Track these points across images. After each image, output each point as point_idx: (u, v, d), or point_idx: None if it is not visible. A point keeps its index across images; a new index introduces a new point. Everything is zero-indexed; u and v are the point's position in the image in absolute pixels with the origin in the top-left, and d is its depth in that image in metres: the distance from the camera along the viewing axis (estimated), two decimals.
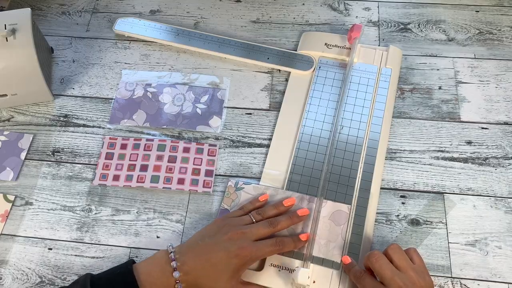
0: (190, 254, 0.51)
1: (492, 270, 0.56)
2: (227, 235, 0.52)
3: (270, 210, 0.57)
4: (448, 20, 0.76)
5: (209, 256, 0.50)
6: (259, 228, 0.53)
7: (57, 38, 0.78)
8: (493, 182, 0.62)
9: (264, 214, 0.56)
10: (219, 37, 0.74)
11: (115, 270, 0.50)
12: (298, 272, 0.52)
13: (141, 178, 0.63)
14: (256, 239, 0.53)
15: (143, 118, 0.68)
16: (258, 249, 0.52)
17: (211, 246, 0.51)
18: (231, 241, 0.51)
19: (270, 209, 0.57)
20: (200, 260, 0.50)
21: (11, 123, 0.69)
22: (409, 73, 0.71)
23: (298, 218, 0.57)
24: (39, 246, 0.60)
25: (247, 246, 0.51)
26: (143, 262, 0.51)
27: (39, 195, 0.63)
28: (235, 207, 0.60)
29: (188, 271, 0.49)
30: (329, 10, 0.79)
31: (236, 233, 0.52)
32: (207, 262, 0.50)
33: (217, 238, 0.52)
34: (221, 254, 0.50)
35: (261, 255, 0.52)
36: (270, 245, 0.53)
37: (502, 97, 0.69)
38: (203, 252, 0.51)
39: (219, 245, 0.51)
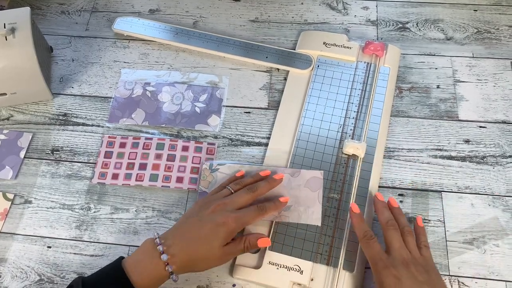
0: (176, 235, 0.51)
1: (490, 268, 0.57)
2: (209, 209, 0.52)
3: (247, 179, 0.58)
4: (446, 19, 0.77)
5: (196, 232, 0.50)
6: (239, 196, 0.55)
7: (57, 37, 0.78)
8: (490, 180, 0.62)
9: (242, 183, 0.57)
10: (218, 36, 0.75)
11: (105, 268, 0.50)
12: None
13: (140, 177, 0.64)
14: (238, 207, 0.53)
15: (142, 117, 0.69)
16: (242, 215, 0.52)
17: (196, 223, 0.51)
18: (214, 213, 0.52)
19: (247, 179, 0.58)
20: (187, 238, 0.50)
21: (11, 122, 0.69)
22: (408, 72, 0.72)
23: (275, 181, 0.58)
24: (38, 244, 0.60)
25: (231, 214, 0.52)
26: (132, 255, 0.50)
27: (38, 193, 0.64)
28: (212, 188, 0.61)
29: (176, 252, 0.49)
30: (327, 9, 0.79)
31: (218, 205, 0.53)
32: (195, 237, 0.50)
33: (200, 214, 0.52)
34: (207, 226, 0.51)
35: (245, 222, 0.53)
36: (253, 211, 0.54)
37: (500, 96, 0.69)
38: (189, 230, 0.51)
39: (203, 219, 0.51)
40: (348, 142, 0.62)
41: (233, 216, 0.52)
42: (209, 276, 0.57)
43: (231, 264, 0.58)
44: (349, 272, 0.55)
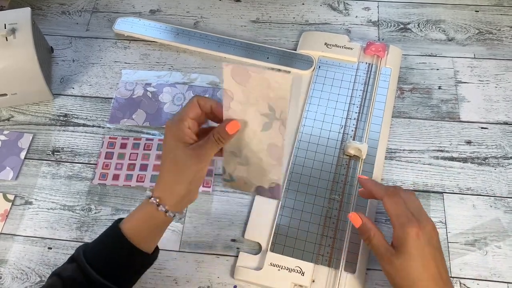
0: (157, 182, 0.48)
1: (492, 270, 0.56)
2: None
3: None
4: (448, 20, 0.77)
5: (166, 159, 0.47)
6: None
7: (57, 37, 0.78)
8: (492, 182, 0.62)
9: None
10: (219, 37, 0.74)
11: (104, 234, 0.49)
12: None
13: (140, 178, 0.64)
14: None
15: (143, 118, 0.68)
16: (177, 112, 0.48)
17: (161, 158, 0.48)
18: (164, 135, 0.48)
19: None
20: (163, 174, 0.48)
21: (11, 122, 0.69)
22: (409, 73, 0.71)
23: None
24: (39, 245, 0.60)
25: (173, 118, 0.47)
26: (128, 215, 0.49)
27: (39, 194, 0.63)
28: None
29: (160, 188, 0.47)
30: (329, 9, 0.79)
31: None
32: (162, 162, 0.48)
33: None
34: (169, 151, 0.47)
35: (183, 113, 0.47)
36: (189, 102, 0.48)
37: (502, 97, 0.69)
38: (165, 168, 0.48)
39: (162, 150, 0.48)
40: (350, 143, 0.62)
41: (170, 118, 0.48)
42: (210, 278, 0.57)
43: (232, 266, 0.57)
44: (350, 273, 0.55)
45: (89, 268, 0.45)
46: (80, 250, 0.47)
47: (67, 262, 0.47)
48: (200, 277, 0.57)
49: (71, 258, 0.47)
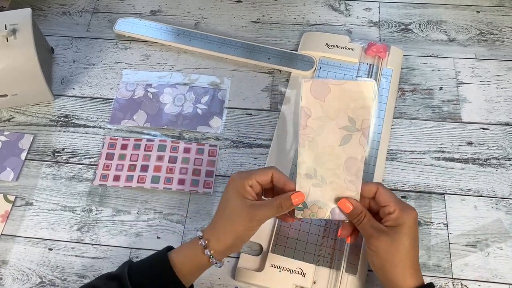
0: (212, 221, 0.51)
1: (493, 271, 0.56)
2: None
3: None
4: (449, 21, 0.76)
5: (220, 207, 0.50)
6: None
7: (58, 38, 0.78)
8: (494, 183, 0.62)
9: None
10: (219, 37, 0.74)
11: (152, 255, 0.50)
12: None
13: (141, 179, 0.63)
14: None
15: (144, 119, 0.68)
16: (247, 171, 0.50)
17: (219, 205, 0.51)
18: (227, 186, 0.51)
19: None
20: (216, 217, 0.50)
21: (12, 123, 0.69)
22: (410, 74, 0.71)
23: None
24: (40, 246, 0.60)
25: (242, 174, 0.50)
26: (178, 247, 0.50)
27: (39, 195, 0.63)
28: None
29: (211, 234, 0.49)
30: (329, 10, 0.79)
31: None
32: (220, 212, 0.50)
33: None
34: (223, 195, 0.50)
35: (250, 174, 0.50)
36: (261, 171, 0.50)
37: (503, 98, 0.69)
38: (217, 211, 0.51)
39: (222, 198, 0.51)
40: None
41: (238, 172, 0.50)
42: (212, 279, 0.57)
43: (233, 267, 0.57)
44: (351, 275, 0.55)
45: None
46: (125, 269, 0.47)
47: (107, 278, 0.47)
48: (201, 278, 0.56)
49: (114, 276, 0.47)
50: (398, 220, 0.48)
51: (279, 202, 0.49)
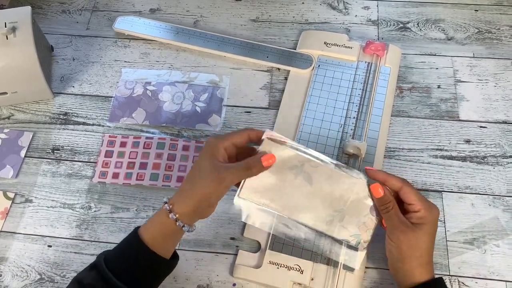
0: (179, 190, 0.50)
1: (490, 268, 0.57)
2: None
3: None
4: (447, 19, 0.77)
5: (190, 172, 0.49)
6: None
7: (57, 36, 0.78)
8: (491, 180, 0.62)
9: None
10: (218, 36, 0.75)
11: (124, 239, 0.50)
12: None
13: (140, 176, 0.64)
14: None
15: (143, 116, 0.69)
16: (224, 134, 0.50)
17: (191, 169, 0.50)
18: (202, 148, 0.50)
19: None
20: (184, 182, 0.49)
21: (11, 121, 0.70)
22: (408, 72, 0.72)
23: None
24: (39, 243, 0.60)
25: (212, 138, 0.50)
26: (146, 221, 0.50)
27: (39, 192, 0.64)
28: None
29: (176, 199, 0.48)
30: (328, 9, 0.79)
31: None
32: (189, 175, 0.49)
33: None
34: (197, 163, 0.49)
35: (227, 137, 0.49)
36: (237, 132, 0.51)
37: (501, 96, 0.69)
38: (187, 178, 0.50)
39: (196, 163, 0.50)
40: (349, 142, 0.62)
41: (214, 135, 0.50)
42: (210, 276, 0.57)
43: (232, 264, 0.58)
44: (349, 271, 0.55)
45: (110, 274, 0.45)
46: (101, 257, 0.47)
47: (87, 269, 0.48)
48: (200, 275, 0.57)
49: (92, 265, 0.47)
50: (423, 219, 0.50)
51: (248, 163, 0.48)
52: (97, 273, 0.46)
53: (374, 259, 0.57)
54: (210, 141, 0.49)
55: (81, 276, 0.47)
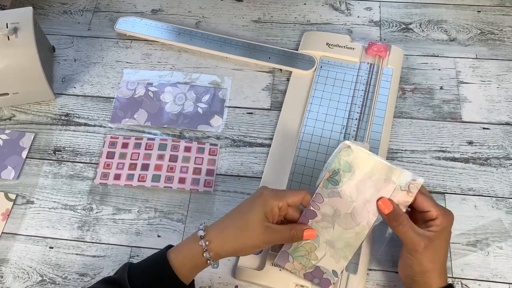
0: (217, 223, 0.50)
1: (493, 271, 0.56)
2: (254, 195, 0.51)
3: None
4: (450, 20, 0.76)
5: (235, 214, 0.50)
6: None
7: (59, 37, 0.78)
8: (494, 182, 0.62)
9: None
10: (220, 37, 0.74)
11: (151, 255, 0.50)
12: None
13: (142, 177, 0.64)
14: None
15: (145, 117, 0.68)
16: (281, 191, 0.50)
17: (236, 208, 0.50)
18: (255, 197, 0.50)
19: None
20: (226, 222, 0.49)
21: (13, 122, 0.69)
22: (411, 73, 0.71)
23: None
24: (40, 244, 0.60)
25: (268, 189, 0.50)
26: (177, 245, 0.50)
27: (40, 193, 0.63)
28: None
29: (213, 237, 0.48)
30: (330, 9, 0.79)
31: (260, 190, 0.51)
32: (232, 218, 0.49)
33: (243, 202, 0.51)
34: (244, 203, 0.50)
35: (283, 196, 0.49)
36: (294, 193, 0.51)
37: (504, 98, 0.69)
38: (229, 215, 0.50)
39: (242, 203, 0.51)
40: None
41: (270, 189, 0.50)
42: (212, 278, 0.57)
43: (234, 266, 0.57)
44: (352, 274, 0.55)
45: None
46: (124, 273, 0.47)
47: (107, 282, 0.47)
48: (202, 277, 0.57)
49: (114, 281, 0.47)
50: (441, 226, 0.49)
51: (293, 233, 0.50)
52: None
53: (377, 261, 0.57)
54: (266, 196, 0.49)
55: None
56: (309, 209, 0.51)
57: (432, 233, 0.49)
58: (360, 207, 0.50)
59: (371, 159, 0.50)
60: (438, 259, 0.49)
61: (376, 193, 0.50)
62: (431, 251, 0.48)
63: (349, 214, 0.51)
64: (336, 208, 0.51)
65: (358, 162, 0.50)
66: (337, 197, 0.51)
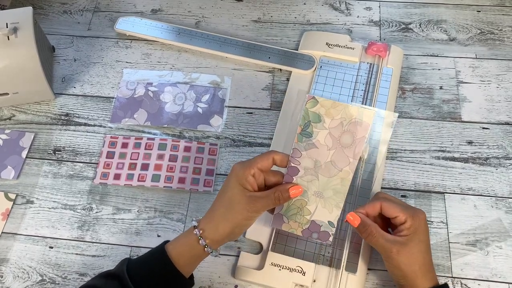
0: (208, 211, 0.51)
1: (493, 270, 0.56)
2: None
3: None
4: (450, 20, 0.76)
5: (218, 197, 0.50)
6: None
7: (59, 37, 0.78)
8: (494, 182, 0.62)
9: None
10: (220, 37, 0.74)
11: (149, 251, 0.50)
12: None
13: (142, 177, 0.64)
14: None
15: (144, 117, 0.69)
16: (249, 160, 0.50)
17: (219, 192, 0.51)
18: (229, 175, 0.51)
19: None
20: (213, 207, 0.50)
21: (13, 121, 0.69)
22: (410, 73, 0.71)
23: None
24: (40, 244, 0.60)
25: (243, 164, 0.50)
26: (174, 239, 0.50)
27: (40, 193, 0.63)
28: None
29: (206, 224, 0.49)
30: (330, 9, 0.79)
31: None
32: (217, 201, 0.50)
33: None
34: (223, 185, 0.50)
35: (252, 162, 0.50)
36: (262, 157, 0.51)
37: (503, 97, 0.69)
38: (215, 201, 0.51)
39: (222, 187, 0.51)
40: None
41: (240, 162, 0.50)
42: (212, 277, 0.57)
43: (233, 265, 0.57)
44: (351, 273, 0.55)
45: (133, 286, 0.45)
46: (123, 267, 0.47)
47: (106, 277, 0.48)
48: (201, 276, 0.57)
49: (113, 274, 0.47)
50: (412, 228, 0.49)
51: (278, 195, 0.49)
52: (118, 283, 0.46)
53: (377, 261, 0.57)
54: (237, 169, 0.50)
55: (100, 284, 0.47)
56: (290, 166, 0.51)
57: (403, 238, 0.49)
58: (339, 153, 0.50)
59: (338, 105, 0.50)
60: (416, 261, 0.49)
61: (351, 137, 0.50)
62: (406, 254, 0.49)
63: (329, 162, 0.51)
64: (315, 159, 0.51)
65: (325, 111, 0.50)
66: (314, 148, 0.51)
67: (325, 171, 0.51)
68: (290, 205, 0.52)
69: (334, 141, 0.50)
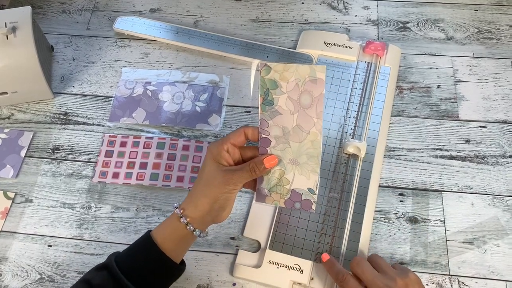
0: (188, 195, 0.50)
1: (490, 268, 0.57)
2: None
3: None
4: (447, 19, 0.77)
5: (197, 177, 0.50)
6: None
7: (58, 36, 0.78)
8: (491, 180, 0.62)
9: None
10: (218, 36, 0.75)
11: (136, 241, 0.50)
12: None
13: (140, 176, 0.64)
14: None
15: (143, 116, 0.69)
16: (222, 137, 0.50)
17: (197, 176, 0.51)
18: (205, 156, 0.51)
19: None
20: (193, 188, 0.50)
21: (11, 120, 0.70)
22: (408, 72, 0.72)
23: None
24: (39, 243, 0.60)
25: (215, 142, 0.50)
26: (158, 225, 0.50)
27: (39, 192, 0.64)
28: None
29: (187, 204, 0.49)
30: (328, 9, 0.79)
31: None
32: (196, 182, 0.50)
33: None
34: (203, 169, 0.50)
35: (226, 138, 0.50)
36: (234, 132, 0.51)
37: (501, 96, 0.69)
38: (195, 184, 0.50)
39: (200, 168, 0.51)
40: (349, 142, 0.62)
41: (214, 141, 0.50)
42: (210, 275, 0.57)
43: (232, 263, 0.58)
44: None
45: (121, 274, 0.45)
46: (111, 258, 0.48)
47: (96, 269, 0.48)
48: (199, 274, 0.57)
49: (101, 266, 0.48)
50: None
51: (253, 166, 0.49)
52: (107, 273, 0.46)
53: None
54: (211, 147, 0.50)
55: (89, 277, 0.47)
56: (261, 138, 0.51)
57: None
58: (302, 115, 0.50)
59: (289, 66, 0.50)
60: None
61: (310, 96, 0.49)
62: None
63: (296, 127, 0.50)
64: (282, 126, 0.50)
65: (280, 75, 0.50)
66: (278, 115, 0.50)
67: (295, 137, 0.50)
68: (270, 177, 0.51)
69: (295, 104, 0.49)
